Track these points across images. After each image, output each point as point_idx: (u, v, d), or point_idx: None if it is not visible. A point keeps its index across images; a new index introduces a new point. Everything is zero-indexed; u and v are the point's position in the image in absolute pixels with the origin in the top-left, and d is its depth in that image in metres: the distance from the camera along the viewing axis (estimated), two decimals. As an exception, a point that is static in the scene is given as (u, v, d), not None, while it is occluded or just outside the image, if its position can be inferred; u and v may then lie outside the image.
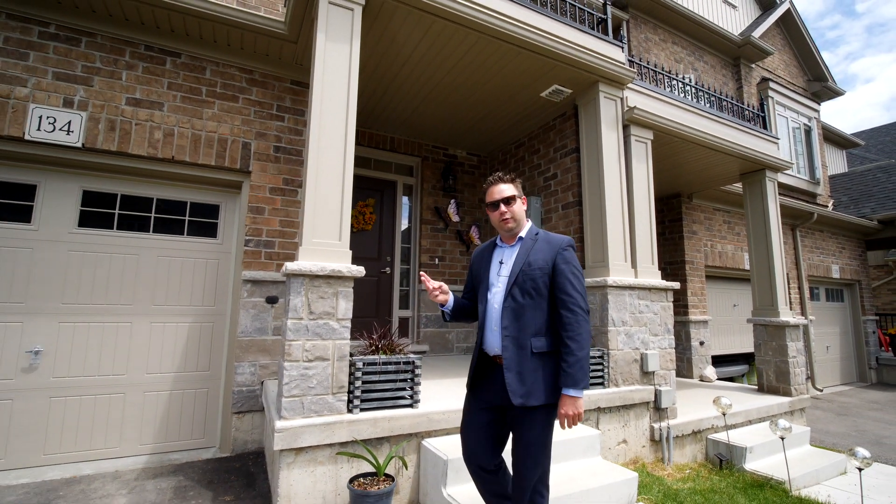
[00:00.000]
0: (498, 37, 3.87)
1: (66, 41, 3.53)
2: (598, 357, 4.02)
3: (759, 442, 4.43)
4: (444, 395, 3.46)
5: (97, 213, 3.71)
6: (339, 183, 3.01)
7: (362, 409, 2.84)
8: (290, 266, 2.71)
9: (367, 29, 3.58)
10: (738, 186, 7.39)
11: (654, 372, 4.29)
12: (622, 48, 4.75)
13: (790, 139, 11.03)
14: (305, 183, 2.98)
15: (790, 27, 11.74)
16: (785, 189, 10.18)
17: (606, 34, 4.79)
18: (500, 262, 2.16)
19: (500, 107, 5.20)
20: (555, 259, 2.04)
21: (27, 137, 3.32)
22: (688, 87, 5.72)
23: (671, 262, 7.43)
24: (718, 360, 7.90)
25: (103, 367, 3.60)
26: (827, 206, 11.16)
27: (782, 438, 4.08)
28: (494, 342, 2.06)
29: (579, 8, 4.71)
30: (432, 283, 2.13)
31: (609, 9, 4.94)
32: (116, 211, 3.78)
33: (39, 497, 2.89)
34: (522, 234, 2.17)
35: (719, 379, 7.13)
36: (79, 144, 3.46)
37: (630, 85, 4.82)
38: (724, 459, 4.37)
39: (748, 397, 5.57)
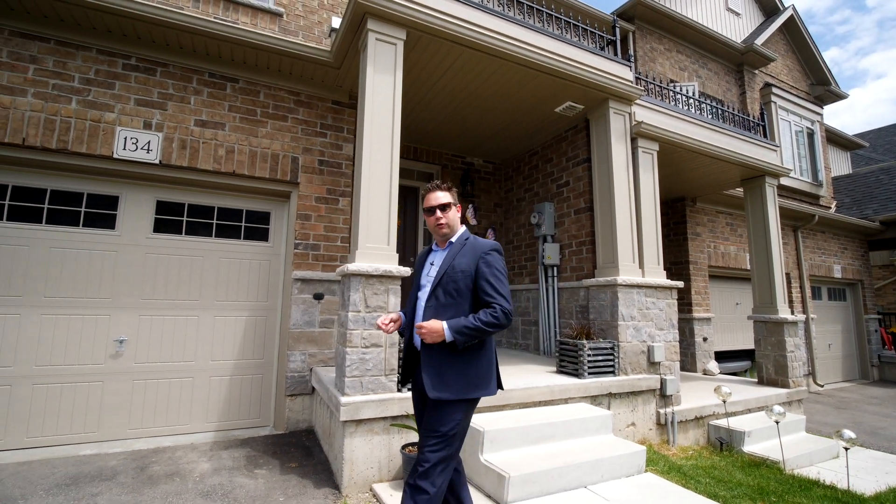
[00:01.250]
0: (518, 62, 4.35)
1: (145, 71, 4.07)
2: (609, 348, 4.48)
3: (756, 427, 4.87)
4: (474, 379, 3.95)
5: (169, 220, 4.25)
6: (387, 195, 3.51)
7: (409, 389, 3.33)
8: (350, 267, 3.21)
9: (403, 58, 4.08)
10: (740, 190, 7.80)
11: (659, 362, 4.75)
12: (630, 67, 5.21)
13: (793, 143, 11.39)
14: (359, 195, 3.48)
15: (793, 33, 12.09)
16: (787, 191, 10.56)
17: (616, 55, 5.26)
18: (431, 264, 2.28)
19: (517, 121, 5.68)
20: (477, 262, 2.13)
21: (115, 156, 3.85)
22: (691, 100, 6.16)
23: (676, 262, 7.86)
24: (722, 356, 8.32)
25: (175, 354, 4.13)
26: (829, 208, 11.52)
27: (777, 422, 4.53)
28: (418, 338, 2.15)
29: (591, 31, 5.18)
30: (385, 323, 2.23)
31: (618, 31, 5.40)
32: (185, 218, 4.31)
33: (136, 462, 3.42)
34: (453, 239, 2.27)
35: (722, 373, 7.55)
36: (156, 161, 3.99)
37: (637, 101, 5.27)
38: (725, 442, 4.82)
39: (748, 389, 6.00)
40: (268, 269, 4.59)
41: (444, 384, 2.03)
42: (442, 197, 2.26)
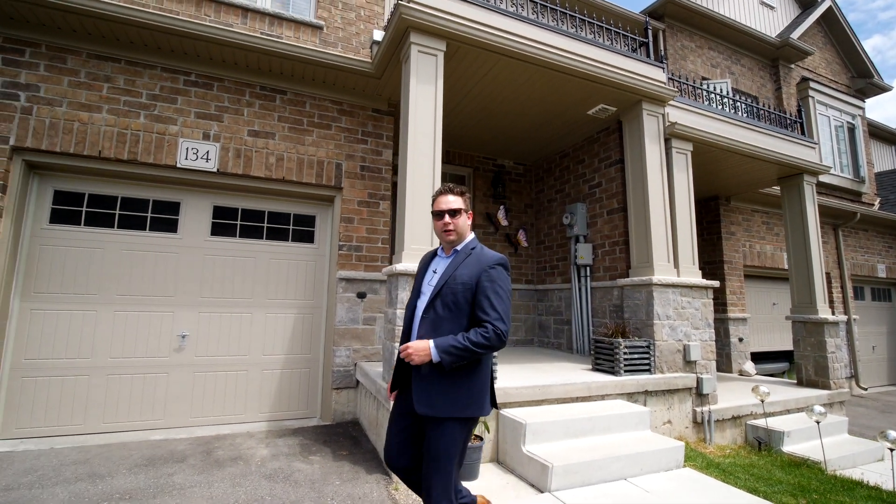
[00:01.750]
0: (551, 68, 4.47)
1: (203, 86, 4.39)
2: (645, 347, 4.55)
3: (796, 428, 4.84)
4: (512, 376, 4.10)
5: (224, 224, 4.56)
6: (430, 197, 3.70)
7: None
8: (397, 267, 3.42)
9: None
10: (776, 188, 7.68)
11: (695, 361, 4.78)
12: (663, 69, 5.25)
13: (832, 138, 11.05)
14: (403, 199, 3.68)
15: (832, 25, 11.73)
16: (827, 189, 10.26)
17: (649, 56, 5.32)
18: (434, 272, 2.15)
19: (548, 123, 5.79)
20: (479, 276, 2.00)
21: (178, 165, 4.18)
22: (726, 99, 6.13)
23: (710, 261, 7.79)
24: (759, 357, 8.19)
25: (231, 348, 4.44)
26: (873, 205, 11.11)
27: (818, 422, 4.50)
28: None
29: (623, 34, 5.25)
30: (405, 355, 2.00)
31: (650, 32, 5.45)
32: (238, 222, 4.61)
33: (201, 447, 3.72)
34: (459, 247, 2.14)
35: (759, 374, 7.44)
36: (214, 169, 4.30)
37: (670, 102, 5.31)
38: (763, 442, 4.81)
39: (787, 390, 5.93)
40: (314, 270, 4.86)
41: (434, 401, 1.93)
42: (453, 202, 2.12)
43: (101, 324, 4.07)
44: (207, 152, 4.29)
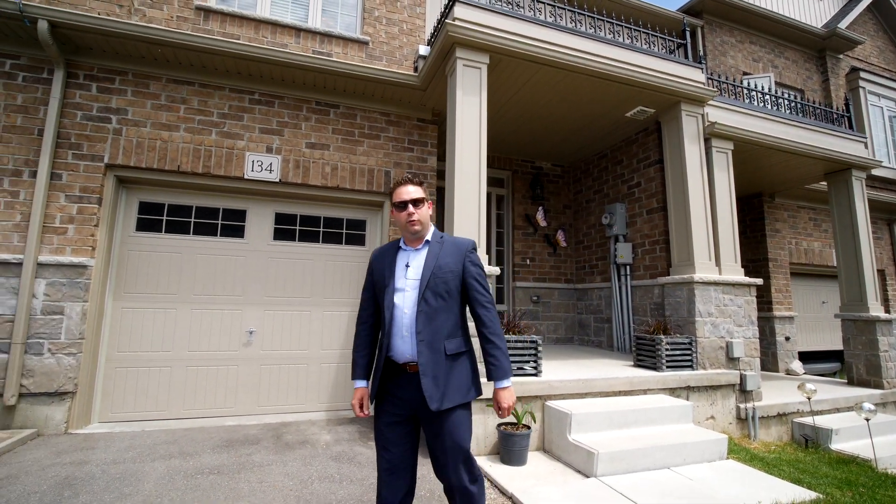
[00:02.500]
0: (590, 74, 4.64)
1: (266, 104, 4.81)
2: (687, 343, 4.63)
3: (845, 426, 4.79)
4: (556, 371, 4.29)
5: (285, 229, 4.96)
6: (476, 202, 3.96)
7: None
8: (448, 267, 3.68)
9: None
10: (824, 184, 7.48)
11: (738, 358, 4.82)
12: (702, 69, 5.30)
13: (885, 129, 10.57)
14: (452, 202, 3.95)
15: (884, 11, 11.23)
16: (880, 182, 9.82)
17: (687, 57, 5.39)
18: (407, 266, 2.08)
19: (587, 126, 5.93)
20: (463, 261, 2.07)
21: (246, 177, 4.61)
22: (767, 96, 6.08)
23: (753, 259, 7.68)
24: (808, 357, 8.00)
25: (293, 344, 4.83)
26: (931, 199, 10.54)
27: (867, 420, 4.45)
28: (405, 349, 1.97)
29: (660, 37, 5.34)
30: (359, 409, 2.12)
31: (687, 33, 5.50)
32: (297, 227, 5.01)
33: (271, 432, 4.11)
34: (428, 237, 2.13)
35: (807, 374, 7.28)
36: (276, 179, 4.71)
37: (711, 101, 5.35)
38: (810, 439, 4.79)
39: (836, 389, 5.83)
40: (365, 270, 5.20)
41: (447, 392, 1.92)
42: (413, 191, 2.08)
43: (180, 320, 4.53)
44: (270, 164, 4.70)
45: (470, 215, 3.91)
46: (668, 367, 4.46)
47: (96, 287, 4.16)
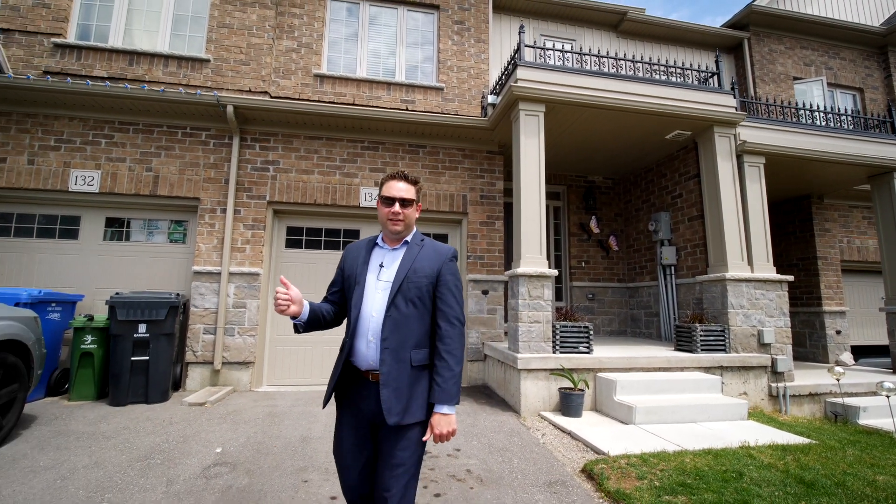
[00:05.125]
0: (631, 111, 5.68)
1: (372, 149, 6.35)
2: (720, 331, 5.51)
3: (875, 405, 5.40)
4: (606, 352, 5.39)
5: (388, 243, 6.46)
6: (538, 220, 5.17)
7: (560, 352, 4.93)
8: (518, 270, 4.93)
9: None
10: (874, 184, 7.84)
11: (770, 344, 5.61)
12: (733, 95, 6.14)
13: (960, 122, 10.33)
14: (519, 221, 5.20)
15: (958, -1, 10.93)
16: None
17: (720, 85, 6.24)
18: (381, 266, 1.94)
19: (632, 147, 6.92)
20: (440, 268, 1.91)
21: (360, 205, 6.16)
22: (801, 110, 6.72)
23: (803, 258, 8.17)
24: (862, 351, 8.30)
25: (396, 332, 6.29)
26: None
27: (887, 397, 5.09)
28: (369, 355, 1.82)
29: (694, 71, 6.24)
30: (282, 295, 1.81)
31: (721, 64, 6.35)
32: (397, 242, 6.50)
33: (388, 394, 5.57)
34: (409, 238, 1.99)
35: (858, 367, 7.66)
36: (382, 206, 6.22)
37: (742, 123, 6.17)
38: (839, 415, 5.47)
39: (877, 375, 6.33)
40: (448, 274, 6.58)
41: (408, 407, 1.77)
42: (405, 190, 1.95)
43: (316, 313, 6.15)
44: (373, 195, 6.21)
45: (533, 230, 5.14)
46: (702, 349, 5.38)
47: (264, 288, 5.86)
